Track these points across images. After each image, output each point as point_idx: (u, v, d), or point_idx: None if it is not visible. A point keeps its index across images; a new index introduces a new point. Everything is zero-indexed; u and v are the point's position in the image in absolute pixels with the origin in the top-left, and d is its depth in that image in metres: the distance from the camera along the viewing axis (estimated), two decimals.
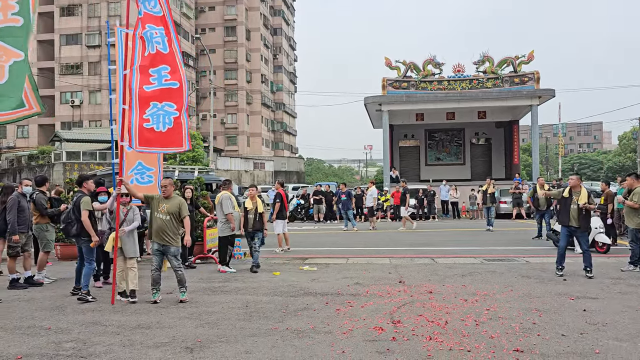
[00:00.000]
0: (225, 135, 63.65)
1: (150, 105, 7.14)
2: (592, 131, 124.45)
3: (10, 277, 8.31)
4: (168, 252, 7.23)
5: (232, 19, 63.91)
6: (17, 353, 5.03)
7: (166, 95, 7.24)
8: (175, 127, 7.27)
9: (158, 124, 7.20)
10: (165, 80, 7.25)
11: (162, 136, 7.23)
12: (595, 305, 6.60)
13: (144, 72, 7.13)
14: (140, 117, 7.10)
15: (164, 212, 7.18)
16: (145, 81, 7.15)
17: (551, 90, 28.34)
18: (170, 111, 7.25)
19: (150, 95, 7.15)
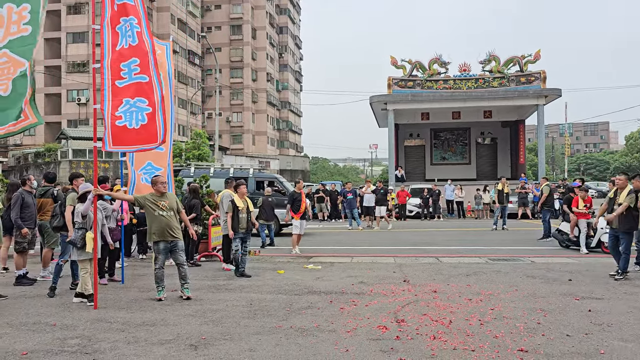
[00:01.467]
0: (230, 133, 63.77)
1: (122, 102, 6.84)
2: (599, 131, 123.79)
3: (17, 273, 8.36)
4: (177, 247, 7.23)
5: (238, 18, 63.98)
6: (22, 349, 5.06)
7: (137, 90, 6.89)
8: (150, 124, 6.91)
9: (131, 121, 6.85)
10: (135, 74, 6.89)
11: (135, 133, 6.90)
12: (601, 306, 6.57)
13: (116, 67, 6.85)
14: (113, 115, 6.82)
15: (166, 209, 7.14)
16: (117, 76, 6.85)
17: (557, 90, 28.22)
18: (143, 107, 6.89)
19: (122, 90, 6.85)
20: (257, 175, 17.17)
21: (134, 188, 8.69)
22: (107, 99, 6.85)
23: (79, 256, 7.00)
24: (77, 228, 7.04)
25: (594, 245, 11.52)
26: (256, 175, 17.01)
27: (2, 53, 6.25)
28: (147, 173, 8.51)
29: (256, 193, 16.47)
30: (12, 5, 6.29)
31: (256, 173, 17.22)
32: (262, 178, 17.25)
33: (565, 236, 12.31)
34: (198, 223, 10.39)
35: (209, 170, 16.68)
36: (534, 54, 28.47)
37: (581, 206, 11.66)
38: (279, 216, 16.04)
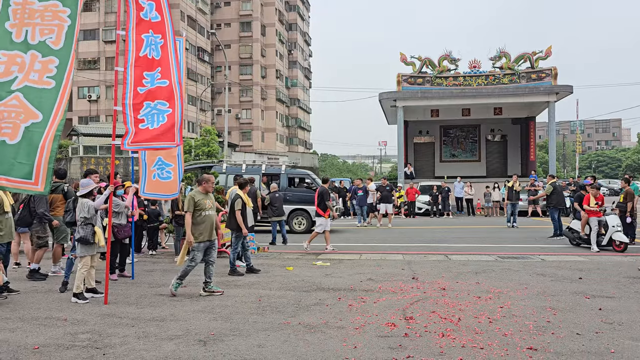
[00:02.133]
0: (239, 130, 63.92)
1: (143, 105, 7.05)
2: (611, 128, 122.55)
3: (32, 267, 8.46)
4: (214, 245, 7.42)
5: (247, 14, 64.03)
6: (34, 343, 5.12)
7: (157, 93, 7.15)
8: (169, 123, 7.15)
9: (152, 123, 7.08)
10: (157, 79, 7.21)
11: (154, 132, 7.11)
12: (612, 304, 6.52)
13: (139, 73, 7.07)
14: (136, 118, 7.00)
15: (211, 208, 7.33)
16: (139, 82, 7.09)
17: (569, 87, 27.94)
18: (164, 109, 7.14)
19: (143, 95, 7.07)
20: (290, 171, 17.13)
21: (145, 185, 8.73)
22: (129, 102, 6.95)
23: (87, 252, 6.96)
24: (83, 224, 6.96)
25: (605, 243, 11.43)
26: (288, 172, 16.98)
27: (14, 96, 5.95)
28: (159, 169, 8.57)
29: (288, 189, 16.55)
30: (37, 54, 6.07)
31: (288, 170, 17.16)
32: (295, 174, 17.24)
33: (576, 234, 12.21)
34: None
35: (240, 167, 16.71)
36: (545, 51, 28.20)
37: (592, 204, 11.56)
38: (311, 212, 16.10)
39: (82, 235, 6.94)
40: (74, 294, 6.87)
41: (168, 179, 8.64)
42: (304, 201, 16.29)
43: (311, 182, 16.99)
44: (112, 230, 8.19)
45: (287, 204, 16.15)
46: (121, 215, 8.35)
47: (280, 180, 16.69)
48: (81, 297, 6.82)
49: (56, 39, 6.11)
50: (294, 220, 16.41)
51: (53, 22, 6.12)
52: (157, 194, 8.91)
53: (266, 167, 17.05)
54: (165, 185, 8.68)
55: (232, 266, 8.94)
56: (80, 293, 6.85)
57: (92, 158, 36.17)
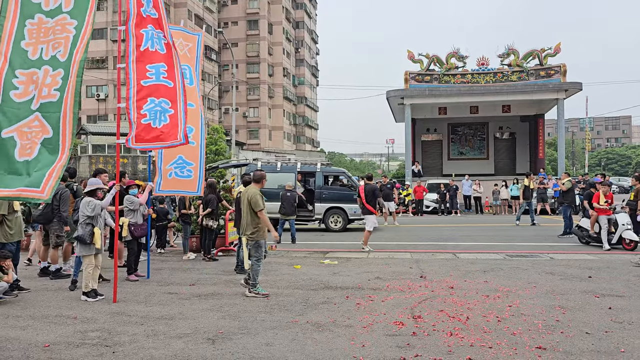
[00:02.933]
0: (247, 128, 64.02)
1: (147, 100, 7.07)
2: (621, 125, 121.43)
3: (54, 268, 8.51)
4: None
5: (254, 13, 64.07)
6: (44, 341, 5.16)
7: (162, 92, 7.21)
8: (172, 122, 7.22)
9: (155, 120, 7.12)
10: (163, 77, 7.24)
11: (158, 132, 7.15)
12: (621, 303, 6.47)
13: (141, 67, 7.08)
14: (138, 113, 7.02)
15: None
16: (143, 75, 7.09)
17: (578, 84, 27.72)
18: (167, 108, 7.20)
19: (147, 88, 7.08)
20: (325, 169, 17.09)
21: (161, 183, 8.69)
22: (132, 96, 7.00)
23: (86, 252, 6.96)
24: (84, 223, 6.97)
25: (615, 241, 11.34)
26: (323, 170, 16.95)
27: (35, 116, 5.97)
28: (178, 167, 8.56)
29: (324, 187, 16.54)
30: (48, 68, 6.09)
31: (323, 168, 17.10)
32: (330, 172, 17.26)
33: (586, 232, 12.13)
34: (214, 218, 10.45)
35: (275, 165, 16.70)
36: (554, 47, 27.98)
37: (602, 202, 11.47)
38: (347, 211, 16.14)
39: (80, 235, 6.95)
40: (83, 292, 6.93)
41: (188, 177, 8.60)
42: (340, 199, 16.29)
43: (347, 181, 16.95)
44: (129, 228, 8.23)
45: (323, 202, 16.28)
46: (137, 213, 8.33)
47: (316, 178, 16.74)
48: (91, 295, 6.88)
49: (63, 52, 6.14)
50: (330, 218, 16.36)
51: (62, 35, 6.15)
52: (175, 190, 8.92)
53: (301, 166, 16.99)
54: (185, 183, 8.66)
55: (241, 264, 8.96)
56: (90, 291, 6.90)
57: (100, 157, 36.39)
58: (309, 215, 16.62)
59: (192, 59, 8.77)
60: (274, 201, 14.60)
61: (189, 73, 8.64)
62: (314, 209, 16.51)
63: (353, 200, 15.95)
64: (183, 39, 8.75)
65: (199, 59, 8.99)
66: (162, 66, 7.27)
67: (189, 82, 8.57)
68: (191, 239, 11.07)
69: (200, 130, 8.73)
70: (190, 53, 8.78)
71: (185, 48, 8.74)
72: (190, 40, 8.85)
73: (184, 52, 8.66)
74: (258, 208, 7.08)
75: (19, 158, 5.85)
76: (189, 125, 8.43)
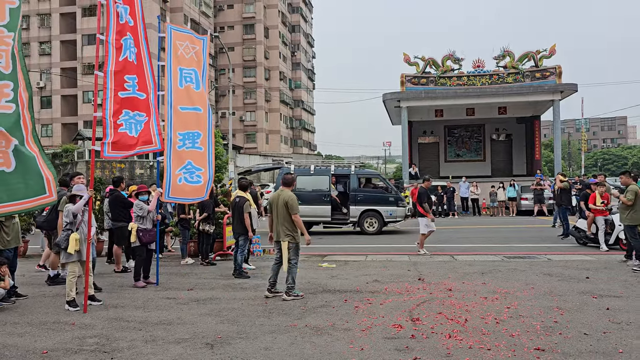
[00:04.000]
0: (244, 132, 64.00)
1: (122, 112, 7.27)
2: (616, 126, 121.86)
3: (52, 274, 8.48)
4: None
5: (250, 17, 64.14)
6: (42, 347, 5.15)
7: (136, 104, 7.43)
8: (145, 129, 7.48)
9: (131, 130, 7.34)
10: (137, 90, 7.45)
11: (133, 140, 7.36)
12: (619, 304, 6.49)
13: (119, 78, 7.24)
14: (115, 123, 7.20)
15: None
16: (121, 86, 7.27)
17: (573, 85, 27.84)
18: (141, 119, 7.48)
19: (123, 101, 7.28)
20: (359, 172, 16.95)
21: (170, 189, 8.35)
22: (110, 107, 7.16)
23: (66, 258, 6.83)
24: (64, 229, 6.88)
25: (612, 242, 11.38)
26: (358, 173, 16.81)
27: None
28: (188, 172, 8.40)
29: (358, 190, 16.42)
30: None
31: (357, 170, 16.96)
32: (364, 175, 17.15)
33: (583, 233, 12.16)
34: (210, 222, 10.41)
35: (308, 168, 16.54)
36: (549, 49, 28.10)
37: (598, 203, 11.50)
38: (383, 213, 16.06)
39: (57, 240, 6.88)
40: (66, 301, 6.76)
41: (198, 183, 8.38)
42: (376, 201, 16.20)
43: (383, 183, 16.87)
44: (137, 234, 8.16)
45: (358, 205, 16.16)
46: (146, 219, 8.25)
47: (350, 181, 16.56)
48: (72, 305, 6.69)
49: (5, 64, 6.20)
50: (365, 221, 16.21)
51: (1, 47, 6.21)
52: (184, 198, 8.65)
53: (335, 168, 16.83)
54: (194, 189, 8.48)
55: (239, 268, 8.94)
56: (72, 300, 6.72)
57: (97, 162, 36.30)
58: (344, 218, 16.48)
59: (200, 62, 8.65)
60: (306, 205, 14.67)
61: (195, 77, 8.55)
62: (348, 211, 16.34)
63: (389, 202, 15.98)
64: (190, 41, 8.60)
65: (206, 62, 8.88)
66: (135, 78, 7.46)
67: (194, 87, 8.52)
68: (189, 244, 11.06)
69: (207, 136, 8.59)
70: (198, 56, 8.67)
71: (193, 51, 8.62)
72: (197, 43, 8.72)
73: (191, 55, 8.57)
74: (295, 211, 7.09)
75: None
76: (196, 131, 8.48)
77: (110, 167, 35.13)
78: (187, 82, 8.47)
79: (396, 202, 16.36)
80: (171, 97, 8.28)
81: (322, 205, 15.97)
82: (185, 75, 8.47)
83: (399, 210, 16.34)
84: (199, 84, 8.56)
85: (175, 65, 8.36)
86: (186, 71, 8.48)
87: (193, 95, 8.50)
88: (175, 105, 8.31)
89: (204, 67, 8.73)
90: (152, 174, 34.86)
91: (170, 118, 8.22)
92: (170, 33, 8.38)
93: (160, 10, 48.82)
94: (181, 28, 9.08)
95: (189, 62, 8.52)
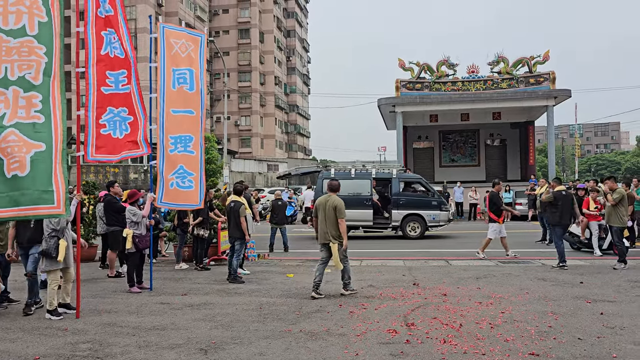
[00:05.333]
0: (239, 137, 63.98)
1: (107, 110, 7.02)
2: (610, 131, 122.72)
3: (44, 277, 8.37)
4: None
5: (245, 22, 64.25)
6: (35, 353, 5.10)
7: (122, 100, 7.17)
8: (132, 132, 7.24)
9: (115, 130, 7.08)
10: (122, 85, 7.19)
11: (119, 142, 7.12)
12: (613, 309, 6.51)
13: (101, 73, 7.00)
14: (97, 123, 6.95)
15: None
16: (103, 82, 7.01)
17: (567, 91, 28.01)
18: (125, 116, 7.21)
19: (107, 98, 7.03)
20: (401, 176, 16.66)
21: (163, 194, 8.23)
22: (92, 105, 6.94)
23: (50, 266, 6.59)
24: (49, 237, 6.58)
25: (605, 247, 11.42)
26: (400, 176, 16.54)
27: (10, 131, 5.86)
28: (179, 177, 8.25)
29: (401, 194, 16.18)
30: (18, 89, 5.99)
31: (399, 174, 16.64)
32: (406, 179, 16.86)
33: (577, 238, 12.19)
34: (205, 227, 10.36)
35: (349, 172, 16.23)
36: (542, 55, 28.28)
37: (592, 208, 11.55)
38: (425, 218, 15.80)
39: (45, 248, 6.57)
40: (47, 310, 6.55)
41: (189, 188, 8.16)
42: (418, 206, 15.98)
43: (425, 187, 16.58)
44: (133, 240, 8.09)
45: (400, 209, 15.95)
46: (140, 224, 8.18)
47: (392, 184, 16.27)
48: (54, 314, 6.50)
49: (35, 75, 6.06)
50: (408, 225, 15.98)
51: (30, 57, 6.07)
52: (176, 203, 8.48)
53: (376, 172, 16.55)
54: (186, 194, 8.27)
55: (233, 273, 8.91)
56: (54, 310, 6.52)
57: (91, 167, 36.15)
58: (386, 223, 16.25)
59: (196, 61, 8.38)
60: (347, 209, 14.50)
61: (190, 77, 8.29)
62: (390, 216, 16.15)
63: (431, 206, 15.78)
64: (186, 39, 8.35)
65: (203, 61, 8.56)
66: (122, 73, 7.19)
67: (188, 88, 8.27)
68: (183, 249, 11.01)
69: (199, 140, 8.34)
70: (194, 54, 8.39)
71: (189, 49, 8.36)
72: (194, 41, 8.44)
73: (187, 52, 8.32)
74: (342, 216, 7.50)
75: (7, 174, 5.80)
76: (189, 134, 8.28)
77: (104, 172, 34.99)
78: (180, 83, 8.24)
79: (439, 206, 16.14)
80: (163, 99, 8.10)
81: (364, 209, 15.70)
82: (179, 77, 8.23)
83: (442, 214, 16.12)
84: (194, 84, 8.29)
85: (168, 66, 8.16)
86: (180, 72, 8.24)
87: (186, 97, 8.27)
88: (167, 108, 8.12)
89: (201, 65, 8.41)
90: (146, 179, 34.73)
91: (162, 121, 8.13)
92: (163, 32, 8.16)
93: (155, 15, 48.78)
94: (174, 26, 8.88)
95: (185, 61, 8.27)
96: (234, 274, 8.92)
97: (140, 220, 8.16)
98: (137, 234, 8.12)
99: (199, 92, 8.39)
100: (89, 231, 11.55)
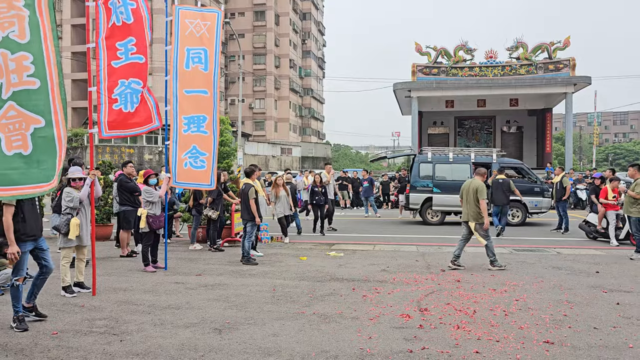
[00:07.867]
0: (253, 120, 64.00)
1: (118, 83, 6.80)
2: (629, 120, 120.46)
3: None
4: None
5: (261, 4, 63.82)
6: (52, 329, 5.19)
7: (132, 70, 6.89)
8: (142, 104, 6.99)
9: (126, 104, 6.88)
10: (132, 53, 6.87)
11: (130, 116, 6.92)
12: (629, 299, 6.43)
13: (111, 46, 6.76)
14: (109, 98, 6.78)
15: None
16: (113, 56, 6.78)
17: (587, 78, 27.52)
18: (137, 88, 6.93)
19: (117, 71, 6.80)
20: (501, 161, 16.06)
21: (177, 174, 8.27)
22: (103, 80, 6.75)
23: (64, 243, 6.65)
24: (63, 213, 6.63)
25: (622, 237, 11.27)
26: (500, 161, 15.90)
27: (9, 106, 5.23)
28: (192, 157, 8.24)
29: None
30: (5, 51, 5.21)
31: (499, 159, 16.08)
32: (507, 164, 16.17)
33: (593, 227, 12.05)
34: (214, 208, 10.38)
35: (447, 156, 15.84)
36: (563, 41, 27.77)
37: (610, 197, 11.38)
38: (527, 204, 15.26)
39: (56, 224, 6.71)
40: (62, 287, 6.63)
41: (202, 167, 8.19)
42: (520, 192, 14.91)
43: (527, 173, 16.00)
44: (147, 220, 8.17)
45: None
46: (156, 205, 8.22)
47: (492, 169, 15.43)
48: (68, 291, 6.58)
49: (19, 32, 5.33)
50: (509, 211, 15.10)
51: (9, 13, 5.27)
52: (191, 183, 8.48)
53: (476, 157, 15.93)
54: (199, 174, 8.32)
55: (247, 255, 8.97)
56: (67, 286, 6.60)
57: (107, 147, 36.48)
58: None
59: (211, 39, 8.15)
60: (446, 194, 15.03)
61: (205, 57, 8.13)
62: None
63: (534, 192, 15.35)
64: (201, 19, 8.17)
65: (219, 40, 8.30)
66: (131, 40, 6.88)
67: (203, 68, 8.15)
68: (198, 230, 11.09)
69: (212, 120, 8.24)
70: (209, 33, 8.16)
71: (204, 28, 8.14)
72: (209, 18, 8.21)
73: (202, 32, 8.14)
74: (482, 197, 8.34)
75: (8, 152, 5.24)
76: (202, 114, 8.23)
77: (119, 152, 35.29)
78: (194, 63, 8.11)
79: (542, 193, 15.58)
80: (176, 80, 8.05)
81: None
82: (193, 56, 8.11)
83: (545, 201, 15.55)
84: (208, 64, 8.16)
85: (182, 46, 8.07)
86: (194, 51, 8.11)
87: (200, 77, 8.15)
88: (181, 88, 8.08)
89: (216, 43, 8.21)
90: (160, 159, 34.96)
91: (175, 102, 8.12)
92: (178, 14, 8.09)
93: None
94: (188, 6, 8.75)
95: (199, 41, 8.14)
96: (247, 255, 8.97)
97: (156, 201, 8.22)
98: (150, 214, 8.18)
99: (212, 72, 8.26)
100: (105, 210, 11.69)
